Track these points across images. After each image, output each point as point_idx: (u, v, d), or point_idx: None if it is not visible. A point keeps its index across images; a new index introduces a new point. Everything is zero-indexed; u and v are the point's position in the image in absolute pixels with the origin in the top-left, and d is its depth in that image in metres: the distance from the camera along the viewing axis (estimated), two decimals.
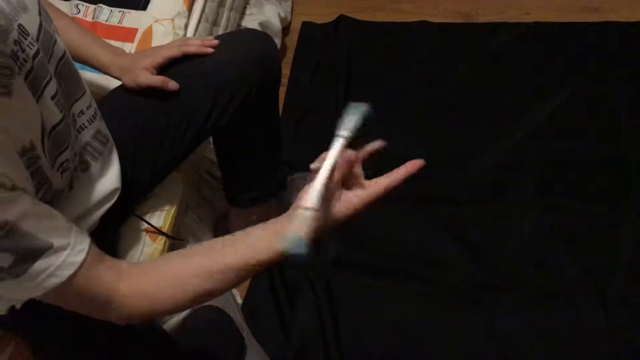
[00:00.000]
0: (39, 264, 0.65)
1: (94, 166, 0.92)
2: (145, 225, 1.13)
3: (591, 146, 1.50)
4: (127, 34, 1.33)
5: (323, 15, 1.88)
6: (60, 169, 0.82)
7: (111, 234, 1.09)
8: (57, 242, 0.66)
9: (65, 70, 0.84)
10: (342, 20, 1.85)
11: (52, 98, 0.78)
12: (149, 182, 1.12)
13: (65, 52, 0.84)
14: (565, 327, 1.27)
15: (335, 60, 1.77)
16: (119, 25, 1.35)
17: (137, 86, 1.04)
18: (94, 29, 1.34)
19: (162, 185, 1.16)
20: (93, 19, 1.36)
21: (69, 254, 0.67)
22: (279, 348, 1.30)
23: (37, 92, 0.74)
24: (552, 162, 1.49)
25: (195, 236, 1.33)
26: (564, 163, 1.49)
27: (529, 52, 1.70)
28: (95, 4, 1.38)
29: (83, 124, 0.91)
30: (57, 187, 0.80)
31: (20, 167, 0.69)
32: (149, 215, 1.14)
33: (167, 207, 1.18)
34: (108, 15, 1.37)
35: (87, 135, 0.92)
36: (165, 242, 1.17)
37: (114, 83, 1.12)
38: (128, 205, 1.07)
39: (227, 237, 0.75)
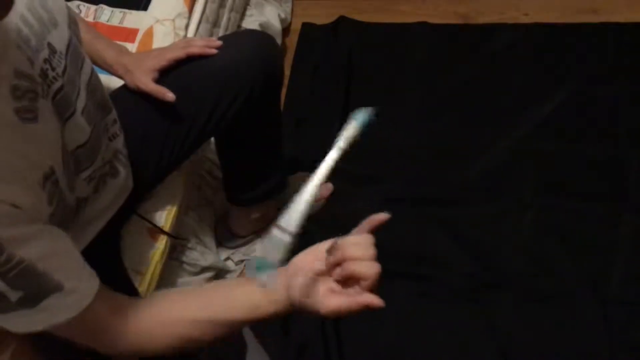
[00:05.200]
0: (47, 302, 0.65)
1: (122, 172, 0.94)
2: (147, 225, 1.13)
3: (590, 146, 1.51)
4: (128, 35, 1.33)
5: (323, 17, 1.89)
6: (87, 179, 0.82)
7: (113, 234, 1.09)
8: (68, 284, 0.66)
9: (96, 84, 0.84)
10: (342, 21, 1.86)
11: (82, 112, 0.77)
12: (151, 182, 1.13)
13: (93, 69, 0.84)
14: (564, 326, 1.27)
15: (335, 61, 1.78)
16: (120, 25, 1.35)
17: (137, 89, 1.04)
18: (98, 31, 1.34)
19: (163, 185, 1.17)
20: (94, 19, 1.36)
21: (78, 297, 0.67)
22: (279, 347, 1.30)
23: (69, 110, 0.74)
24: (552, 162, 1.50)
25: (195, 236, 1.34)
26: (563, 163, 1.49)
27: (528, 52, 1.70)
28: (96, 4, 1.39)
29: (116, 132, 0.92)
30: (79, 196, 0.80)
31: (40, 195, 0.67)
32: (150, 215, 1.15)
33: (168, 207, 1.18)
34: (109, 15, 1.37)
35: (118, 143, 0.93)
36: (166, 242, 1.17)
37: (114, 82, 1.12)
38: (130, 205, 1.07)
39: (224, 287, 0.77)
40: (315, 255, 0.71)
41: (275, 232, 0.62)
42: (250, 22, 1.68)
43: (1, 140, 0.61)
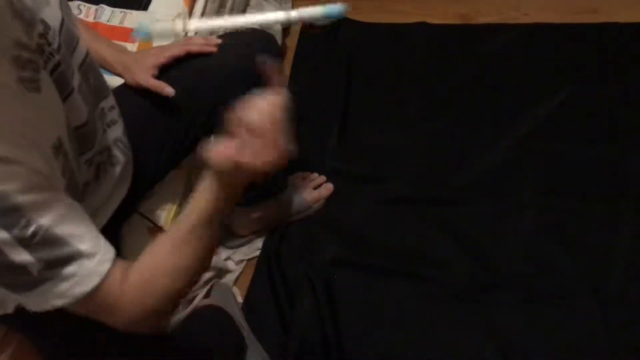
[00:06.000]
0: (67, 270, 0.64)
1: (122, 161, 0.94)
2: (148, 224, 1.13)
3: (590, 146, 1.50)
4: (128, 35, 1.33)
5: None
6: (87, 163, 0.83)
7: (114, 233, 1.09)
8: (86, 249, 0.65)
9: (91, 67, 0.84)
10: (342, 21, 1.86)
11: (79, 91, 0.78)
12: (152, 179, 1.13)
13: (88, 51, 0.84)
14: (564, 326, 1.27)
15: (335, 61, 1.78)
16: (120, 25, 1.36)
17: (136, 85, 1.05)
18: (96, 29, 1.35)
19: (163, 184, 1.17)
20: (94, 19, 1.37)
21: (98, 262, 0.67)
22: (279, 347, 1.30)
23: (67, 88, 0.75)
24: (552, 162, 1.50)
25: None
26: (563, 163, 1.49)
27: (528, 53, 1.70)
28: (96, 4, 1.39)
29: (114, 119, 0.92)
30: (81, 181, 0.81)
31: (54, 164, 0.68)
32: (151, 214, 1.15)
33: (168, 206, 1.18)
34: (109, 15, 1.38)
35: (117, 131, 0.93)
36: None
37: (116, 81, 1.12)
38: (131, 203, 1.08)
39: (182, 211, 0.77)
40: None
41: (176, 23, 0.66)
42: None
43: (10, 109, 0.61)
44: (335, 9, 0.71)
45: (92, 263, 0.66)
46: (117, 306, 0.70)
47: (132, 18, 1.36)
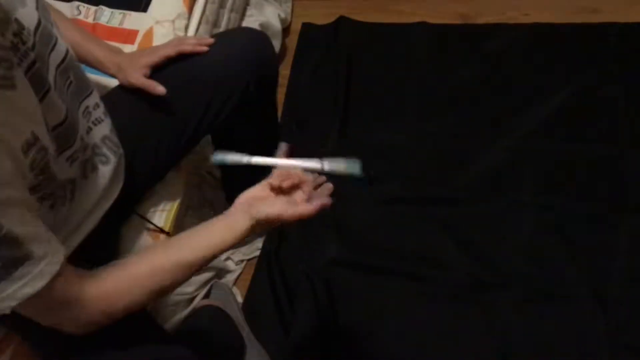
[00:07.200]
0: (20, 272, 0.65)
1: (112, 160, 0.94)
2: (147, 225, 1.13)
3: (590, 146, 1.50)
4: (128, 36, 1.33)
5: (323, 17, 1.89)
6: (69, 161, 0.83)
7: (113, 234, 1.09)
8: (38, 251, 0.66)
9: (71, 66, 0.85)
10: (342, 21, 1.86)
11: (56, 89, 0.78)
12: (149, 180, 1.13)
13: (68, 51, 0.84)
14: (564, 327, 1.27)
15: (335, 61, 1.78)
16: (120, 27, 1.36)
17: (129, 85, 1.05)
18: (95, 30, 1.35)
19: (162, 185, 1.17)
20: (94, 20, 1.37)
21: (46, 263, 0.67)
22: (279, 347, 1.30)
23: (44, 86, 0.75)
24: (552, 162, 1.50)
25: None
26: (563, 163, 1.49)
27: (528, 52, 1.70)
28: (96, 5, 1.39)
29: (100, 117, 0.93)
30: (62, 176, 0.81)
31: (21, 160, 0.68)
32: (150, 215, 1.15)
33: (168, 207, 1.18)
34: (109, 16, 1.37)
35: (105, 129, 0.93)
36: None
37: (113, 83, 1.12)
38: (128, 203, 1.08)
39: (186, 233, 0.81)
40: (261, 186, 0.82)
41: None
42: (250, 23, 1.68)
43: None
44: (356, 169, 0.84)
45: (43, 263, 0.67)
46: (69, 306, 0.71)
47: (131, 19, 1.36)
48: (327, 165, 0.82)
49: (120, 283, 0.76)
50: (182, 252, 0.78)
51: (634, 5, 1.73)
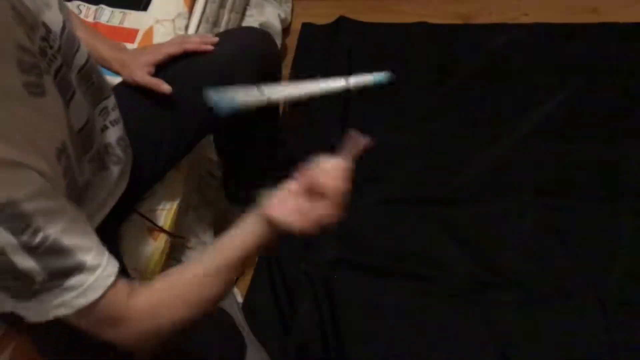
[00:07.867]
0: (70, 282, 0.64)
1: (123, 159, 0.95)
2: (147, 224, 1.13)
3: (590, 146, 1.51)
4: (128, 35, 1.33)
5: (323, 17, 1.89)
6: (89, 162, 0.83)
7: (113, 232, 1.09)
8: (91, 261, 0.65)
9: (92, 69, 0.85)
10: (342, 21, 1.86)
11: (80, 93, 0.78)
12: (150, 178, 1.13)
13: (89, 54, 0.84)
14: (564, 327, 1.27)
15: (336, 61, 1.78)
16: (120, 26, 1.36)
17: (133, 82, 1.05)
18: (95, 29, 1.35)
19: (163, 184, 1.17)
20: (94, 19, 1.37)
21: (99, 275, 0.66)
22: (279, 347, 1.30)
23: (69, 90, 0.75)
24: (552, 162, 1.50)
25: (195, 236, 1.34)
26: (563, 163, 1.49)
27: (528, 52, 1.70)
28: (96, 4, 1.39)
29: (117, 118, 0.93)
30: (82, 181, 0.81)
31: (57, 168, 0.67)
32: (150, 214, 1.15)
33: (167, 207, 1.18)
34: (109, 16, 1.37)
35: (120, 130, 0.93)
36: (166, 241, 1.17)
37: (116, 80, 1.12)
38: (129, 202, 1.08)
39: (219, 240, 0.77)
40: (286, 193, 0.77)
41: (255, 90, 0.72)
42: (250, 22, 1.69)
43: (19, 114, 0.61)
44: (381, 77, 0.82)
45: (95, 276, 0.66)
46: (119, 321, 0.70)
47: (131, 18, 1.36)
48: (353, 80, 0.79)
49: (165, 299, 0.73)
50: (218, 256, 0.75)
51: (634, 5, 1.73)
